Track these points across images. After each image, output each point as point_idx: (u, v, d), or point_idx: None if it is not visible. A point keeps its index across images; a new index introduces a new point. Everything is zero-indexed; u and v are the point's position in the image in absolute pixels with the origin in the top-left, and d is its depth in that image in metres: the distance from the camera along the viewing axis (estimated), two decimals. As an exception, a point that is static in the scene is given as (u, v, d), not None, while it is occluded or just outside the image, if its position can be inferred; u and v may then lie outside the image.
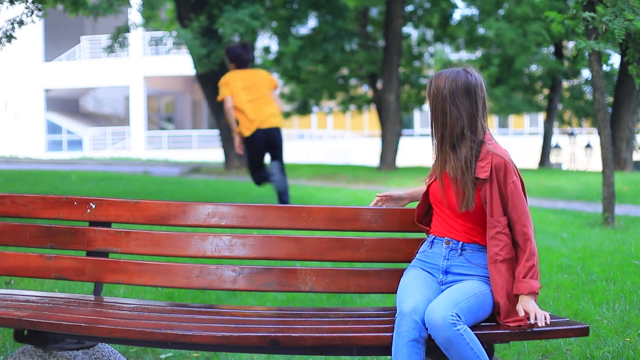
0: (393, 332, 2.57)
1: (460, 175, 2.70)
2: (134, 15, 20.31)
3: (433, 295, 2.67)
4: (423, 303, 2.57)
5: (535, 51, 18.37)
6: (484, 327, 2.65)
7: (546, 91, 23.11)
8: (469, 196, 2.70)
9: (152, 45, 16.50)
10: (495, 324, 2.69)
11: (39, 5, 8.75)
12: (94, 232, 3.17)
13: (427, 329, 2.54)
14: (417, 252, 2.92)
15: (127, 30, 14.19)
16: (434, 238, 2.84)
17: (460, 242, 2.77)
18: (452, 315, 2.49)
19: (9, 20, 8.81)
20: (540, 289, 2.68)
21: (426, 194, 2.88)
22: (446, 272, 2.78)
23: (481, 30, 20.18)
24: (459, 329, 2.48)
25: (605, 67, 7.71)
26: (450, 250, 2.78)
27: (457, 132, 2.71)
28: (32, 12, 8.77)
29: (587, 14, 6.75)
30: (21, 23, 8.78)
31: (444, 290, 2.72)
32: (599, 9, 6.79)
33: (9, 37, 8.75)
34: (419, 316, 2.53)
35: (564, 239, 6.46)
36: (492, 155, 2.71)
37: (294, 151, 34.09)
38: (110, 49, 14.11)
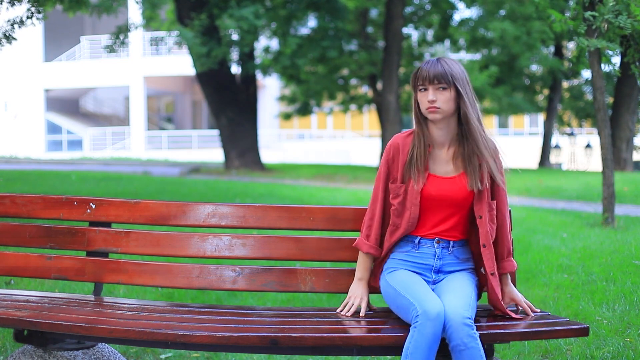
0: (410, 331, 2.53)
1: (489, 147, 2.79)
2: (134, 15, 20.32)
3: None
4: (441, 305, 2.57)
5: (540, 48, 18.38)
6: (484, 327, 2.65)
7: (546, 91, 23.12)
8: (493, 164, 2.78)
9: (153, 45, 16.52)
10: (495, 323, 2.70)
11: (40, 8, 8.73)
12: (94, 232, 3.17)
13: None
14: (390, 253, 2.88)
15: (127, 29, 14.20)
16: (420, 239, 2.83)
17: (450, 241, 2.81)
18: (469, 317, 2.53)
19: (9, 21, 8.79)
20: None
21: (415, 200, 2.80)
22: (438, 271, 2.81)
23: (482, 31, 20.19)
24: (475, 332, 2.52)
25: (607, 67, 7.67)
26: (442, 249, 2.81)
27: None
28: (33, 15, 8.75)
29: (588, 14, 6.75)
30: (21, 23, 8.77)
31: (435, 289, 2.74)
32: (599, 8, 6.78)
33: (9, 38, 8.73)
34: (443, 318, 2.52)
35: (564, 239, 6.46)
36: None
37: (294, 151, 34.08)
38: (110, 49, 14.11)
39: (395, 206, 2.83)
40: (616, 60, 9.08)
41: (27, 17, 8.74)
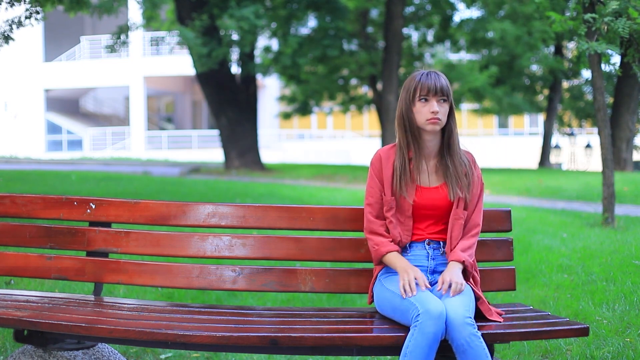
0: (410, 330, 2.54)
1: (464, 159, 2.88)
2: (135, 15, 20.32)
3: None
4: (443, 305, 2.57)
5: (541, 48, 18.35)
6: (484, 327, 2.65)
7: (546, 91, 23.11)
8: (465, 179, 2.85)
9: (153, 45, 16.51)
10: (494, 323, 2.70)
11: (38, 8, 8.70)
12: (94, 232, 3.16)
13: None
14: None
15: (128, 29, 14.20)
16: (410, 243, 2.86)
17: (440, 241, 2.86)
18: (470, 317, 2.55)
19: (7, 21, 8.77)
20: (466, 263, 2.78)
21: (407, 212, 2.84)
22: (433, 272, 2.84)
23: (483, 31, 20.17)
24: (477, 331, 2.52)
25: (607, 67, 7.68)
26: (433, 250, 2.85)
27: None
28: (31, 15, 8.73)
29: (588, 16, 6.74)
30: (20, 24, 8.74)
31: (432, 290, 2.74)
32: (599, 9, 6.77)
33: (7, 39, 8.70)
34: (444, 318, 2.53)
35: (564, 239, 6.46)
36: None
37: (294, 151, 34.08)
38: (112, 49, 14.11)
39: (390, 218, 2.86)
40: (616, 59, 9.07)
41: (26, 17, 8.71)
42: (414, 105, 2.82)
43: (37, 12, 8.73)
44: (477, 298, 2.79)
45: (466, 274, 2.81)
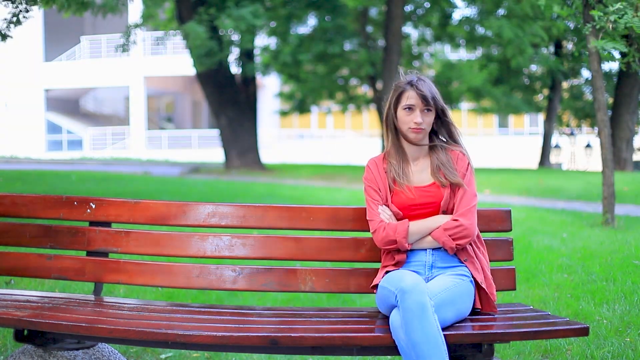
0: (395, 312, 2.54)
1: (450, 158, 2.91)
2: (136, 14, 20.33)
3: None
4: (418, 277, 2.58)
5: (531, 52, 18.29)
6: (484, 327, 2.65)
7: (546, 91, 23.09)
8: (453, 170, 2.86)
9: (157, 44, 16.59)
10: (494, 323, 2.70)
11: (28, 7, 8.67)
12: (94, 232, 3.16)
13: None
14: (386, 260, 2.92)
15: (138, 26, 14.29)
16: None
17: None
18: (428, 301, 2.50)
19: (5, 20, 8.76)
20: (453, 248, 2.79)
21: (403, 215, 2.86)
22: (432, 267, 2.83)
23: (481, 30, 20.16)
24: (424, 307, 2.47)
25: (608, 67, 7.66)
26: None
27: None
28: (28, 10, 8.69)
29: (596, 13, 6.71)
30: (18, 22, 8.72)
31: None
32: (598, 9, 6.76)
33: (4, 37, 8.68)
34: (422, 286, 2.52)
35: (564, 239, 6.45)
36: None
37: (294, 151, 34.08)
38: (124, 48, 14.18)
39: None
40: (616, 58, 9.06)
41: (20, 12, 8.65)
42: (398, 112, 2.87)
43: (27, 11, 8.69)
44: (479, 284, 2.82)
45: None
